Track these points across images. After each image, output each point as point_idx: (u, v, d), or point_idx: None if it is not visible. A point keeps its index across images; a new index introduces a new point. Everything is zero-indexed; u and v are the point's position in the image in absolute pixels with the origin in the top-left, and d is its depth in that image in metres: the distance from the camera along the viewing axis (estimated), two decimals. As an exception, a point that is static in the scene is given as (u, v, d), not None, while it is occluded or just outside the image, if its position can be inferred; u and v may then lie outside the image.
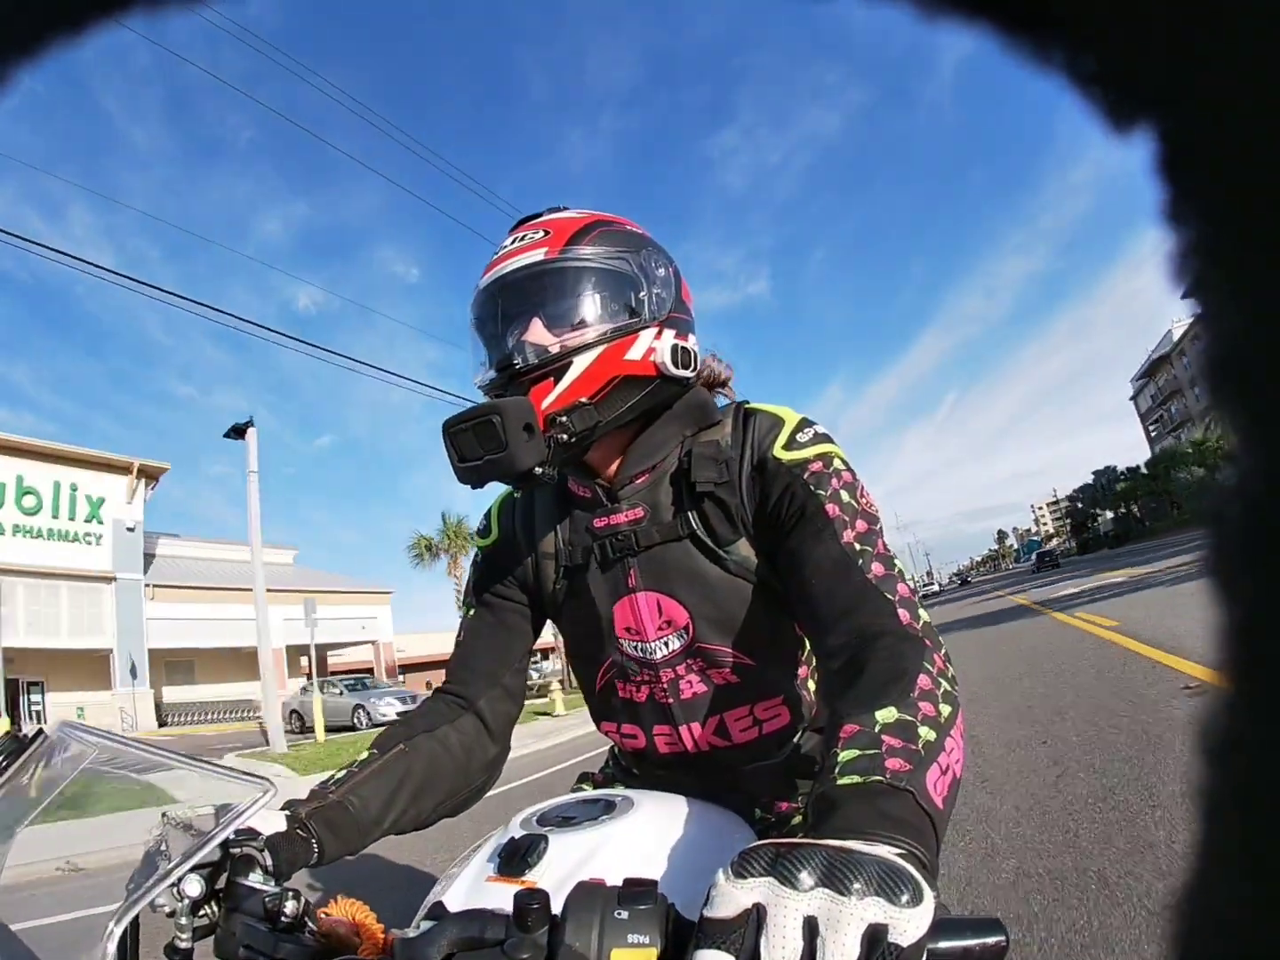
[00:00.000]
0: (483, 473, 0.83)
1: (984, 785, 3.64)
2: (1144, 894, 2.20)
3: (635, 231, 0.97)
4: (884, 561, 0.82)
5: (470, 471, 0.83)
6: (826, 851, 0.43)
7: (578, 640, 1.06)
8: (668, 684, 0.97)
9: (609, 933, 0.47)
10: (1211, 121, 0.15)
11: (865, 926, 0.40)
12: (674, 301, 0.94)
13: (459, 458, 0.83)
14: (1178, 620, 7.18)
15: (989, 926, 0.44)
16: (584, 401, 0.86)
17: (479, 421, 0.81)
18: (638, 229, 0.98)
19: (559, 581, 1.02)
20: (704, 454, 0.93)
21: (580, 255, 0.89)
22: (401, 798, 0.90)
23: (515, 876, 0.70)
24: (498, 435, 0.80)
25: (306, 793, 0.86)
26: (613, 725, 1.07)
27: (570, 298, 0.89)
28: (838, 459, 0.89)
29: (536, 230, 0.92)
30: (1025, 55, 0.16)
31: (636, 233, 0.97)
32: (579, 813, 0.81)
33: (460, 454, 0.83)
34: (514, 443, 0.80)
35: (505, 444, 0.80)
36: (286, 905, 0.59)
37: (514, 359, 0.88)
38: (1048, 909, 2.26)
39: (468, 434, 0.82)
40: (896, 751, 0.59)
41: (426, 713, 1.01)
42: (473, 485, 0.85)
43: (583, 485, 0.99)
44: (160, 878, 0.59)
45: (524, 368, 0.87)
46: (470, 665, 1.05)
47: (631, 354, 0.88)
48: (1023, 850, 2.75)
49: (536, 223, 0.95)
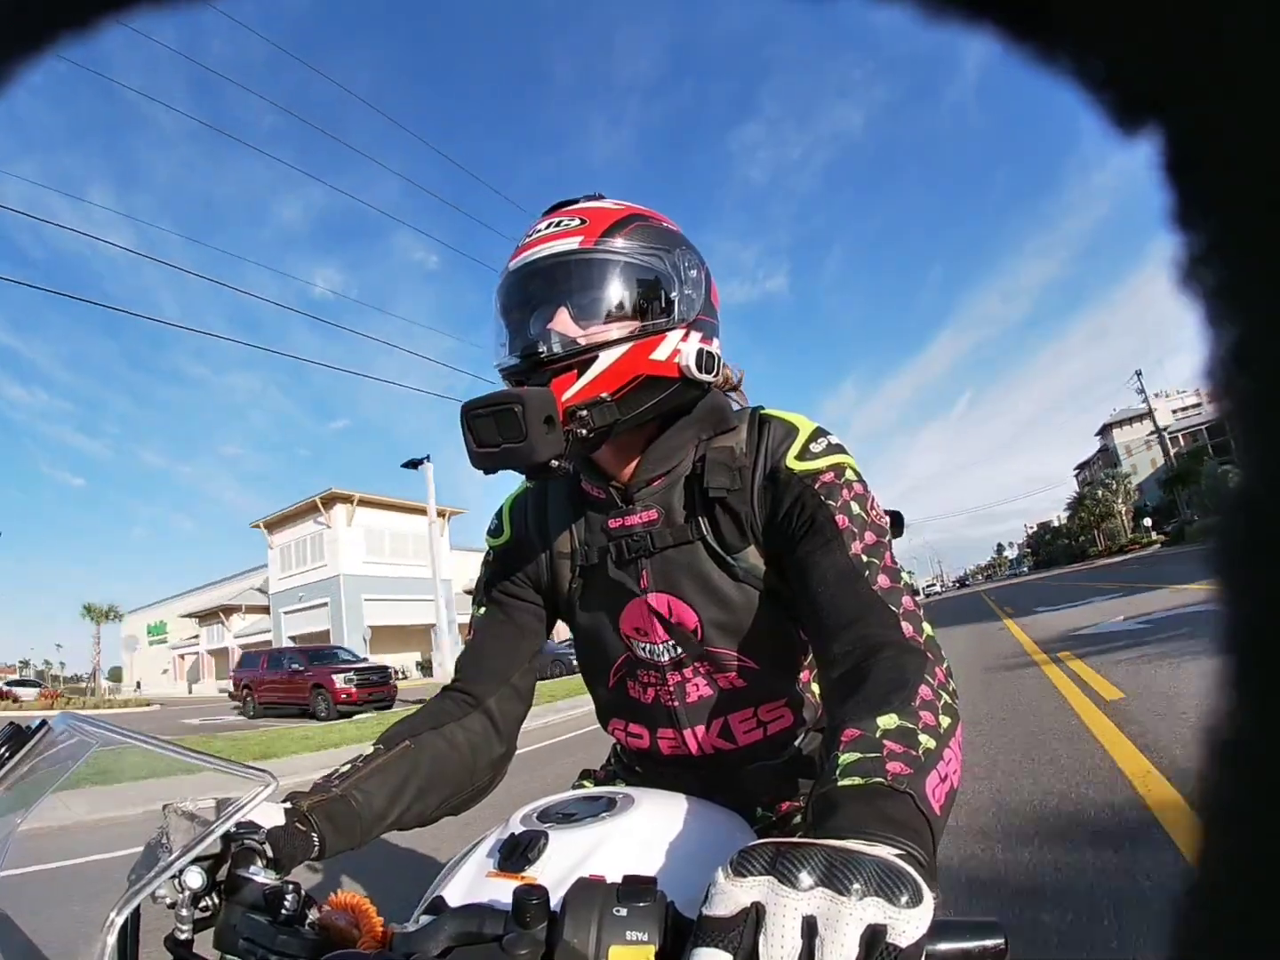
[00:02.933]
0: (499, 460, 0.82)
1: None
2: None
3: (671, 229, 0.95)
4: (890, 574, 0.82)
5: (486, 457, 0.82)
6: (826, 851, 0.43)
7: (589, 639, 1.06)
8: (674, 687, 0.97)
9: (608, 929, 0.47)
10: (1218, 124, 0.15)
11: (864, 927, 0.40)
12: (703, 303, 0.93)
13: (476, 442, 0.81)
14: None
15: (988, 929, 0.44)
16: (605, 398, 0.84)
17: (500, 409, 0.79)
18: (673, 226, 0.97)
19: (574, 581, 1.02)
20: (718, 460, 0.92)
21: (615, 248, 0.88)
22: (405, 794, 0.90)
23: (515, 872, 0.71)
24: (518, 424, 0.78)
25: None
26: (620, 724, 1.07)
27: (601, 290, 0.87)
28: (850, 470, 0.89)
29: (573, 218, 0.90)
30: (1030, 58, 0.16)
31: (672, 230, 0.95)
32: (579, 809, 0.81)
33: (478, 438, 0.81)
34: (534, 434, 0.78)
35: (525, 434, 0.78)
36: (286, 898, 0.60)
37: (539, 347, 0.86)
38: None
39: (487, 420, 0.80)
40: (897, 756, 0.59)
41: (434, 710, 1.01)
42: (486, 471, 0.84)
43: (596, 486, 0.98)
44: (161, 869, 0.60)
45: (548, 357, 0.85)
46: (480, 663, 1.05)
47: (657, 354, 0.87)
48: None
49: (573, 209, 0.93)
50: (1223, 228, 0.15)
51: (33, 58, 0.19)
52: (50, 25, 0.19)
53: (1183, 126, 0.15)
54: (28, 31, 0.19)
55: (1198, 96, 0.15)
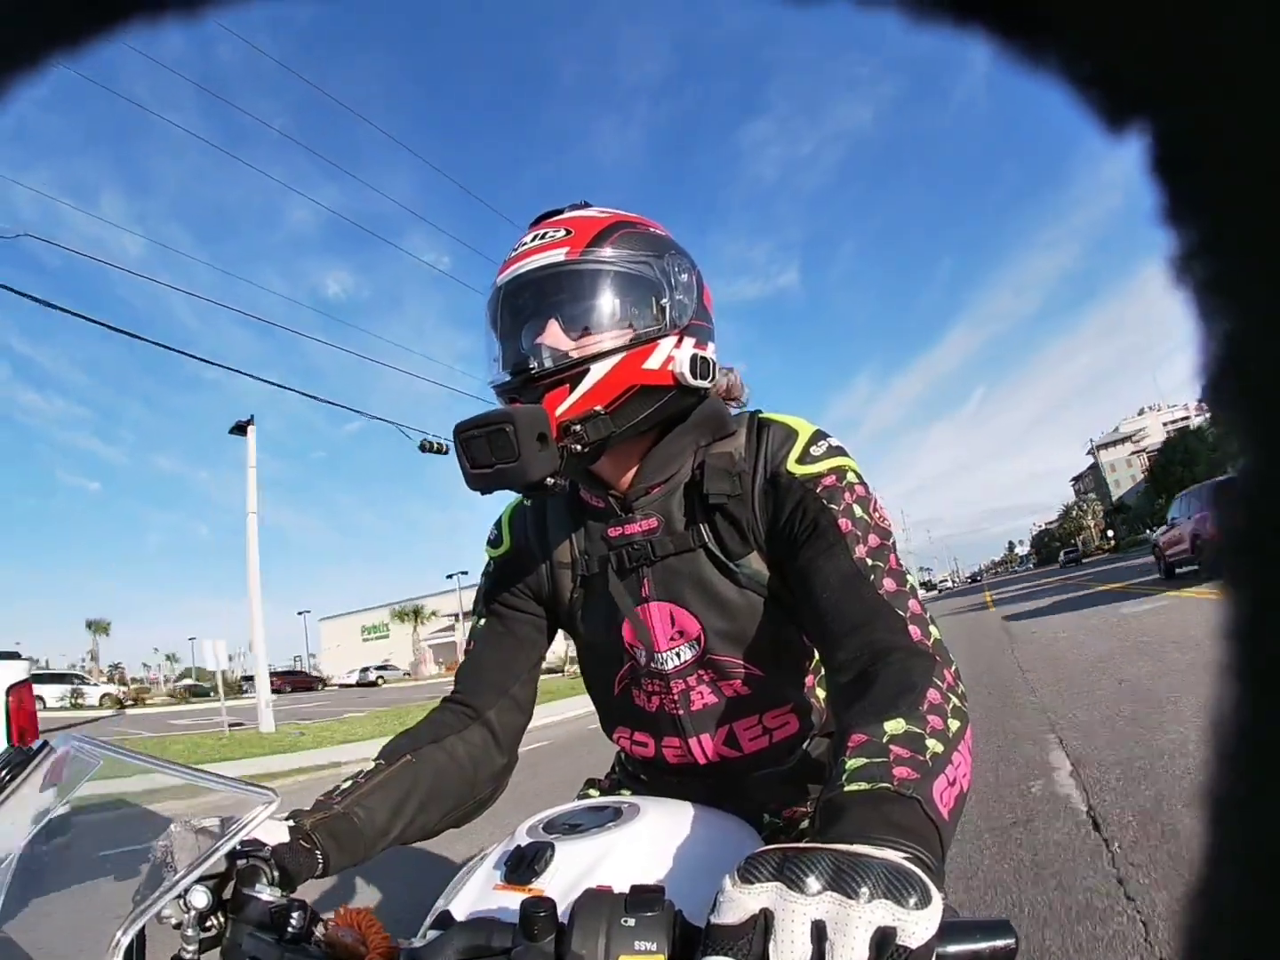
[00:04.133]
0: (493, 480, 0.81)
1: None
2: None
3: (659, 234, 0.94)
4: (896, 577, 0.81)
5: (481, 478, 0.81)
6: (833, 855, 0.43)
7: (592, 649, 1.05)
8: (678, 695, 0.97)
9: (616, 940, 0.47)
10: (1206, 122, 0.15)
11: (874, 930, 0.39)
12: (695, 308, 0.92)
13: (471, 463, 0.81)
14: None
15: (998, 929, 0.43)
16: (599, 411, 0.83)
17: (492, 430, 0.78)
18: (661, 231, 0.96)
19: (575, 591, 1.01)
20: (717, 466, 0.91)
21: (602, 257, 0.87)
22: (407, 809, 0.89)
23: (522, 884, 0.70)
24: (511, 444, 0.77)
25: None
26: (625, 732, 1.07)
27: (590, 301, 0.86)
28: (851, 473, 0.89)
29: (558, 228, 0.89)
30: (1018, 58, 0.16)
31: (660, 235, 0.94)
32: (585, 820, 0.81)
33: (472, 459, 0.80)
34: (527, 453, 0.78)
35: (518, 454, 0.77)
36: (292, 915, 0.59)
37: (530, 363, 0.86)
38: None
39: (480, 440, 0.79)
40: (904, 761, 0.59)
41: (434, 723, 1.00)
42: (482, 492, 0.83)
43: (595, 495, 0.98)
44: (166, 889, 0.59)
45: (539, 372, 0.84)
46: (479, 675, 1.04)
47: (650, 363, 0.86)
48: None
49: (558, 220, 0.92)
50: (1213, 224, 0.15)
51: (29, 73, 0.19)
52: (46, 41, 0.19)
53: (1171, 124, 0.15)
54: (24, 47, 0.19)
55: (1184, 95, 0.15)
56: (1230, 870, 0.16)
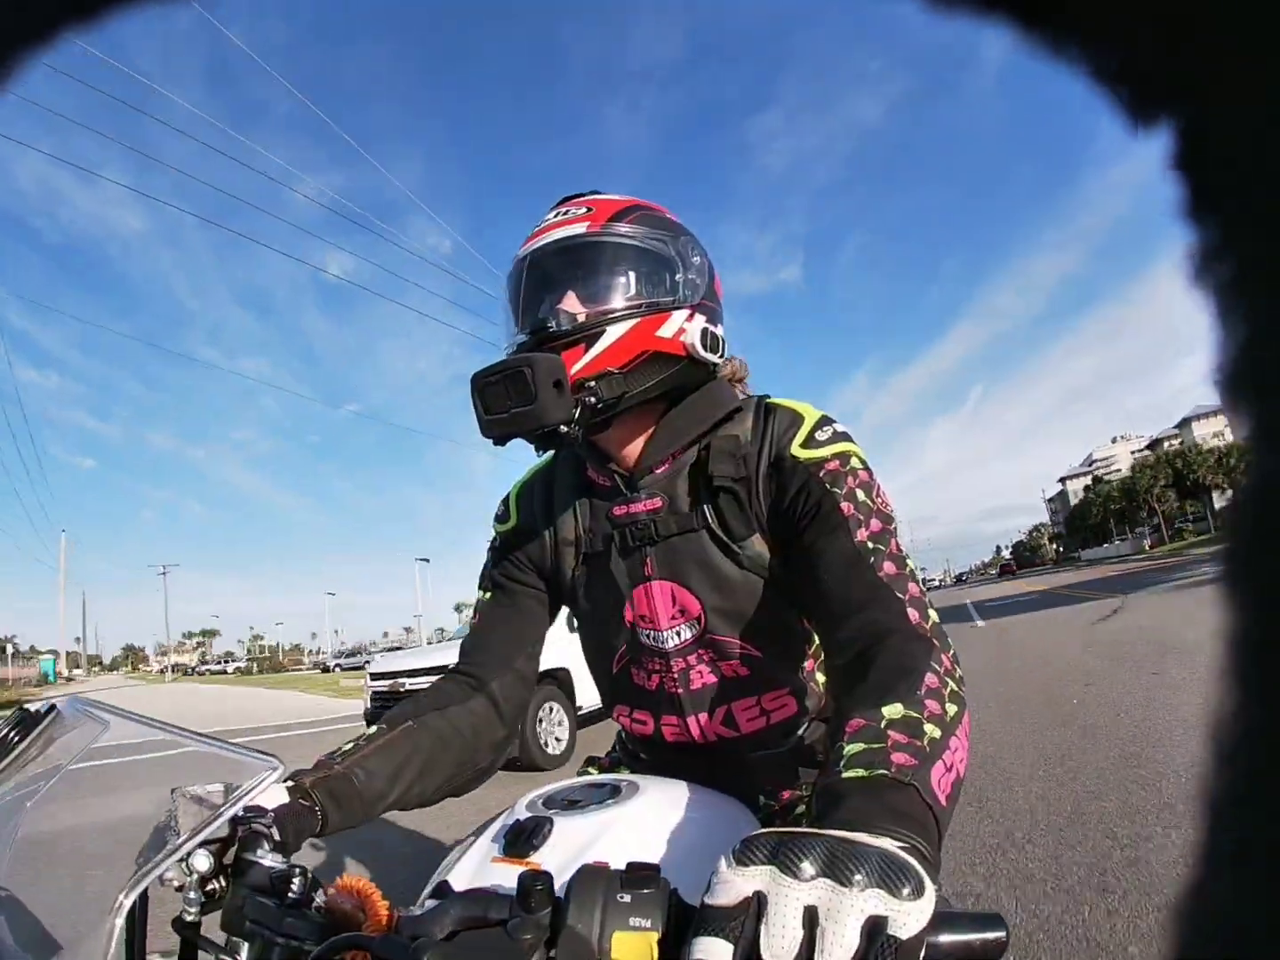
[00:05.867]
0: (509, 425, 0.82)
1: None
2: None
3: (673, 219, 0.98)
4: (896, 561, 0.82)
5: (496, 424, 0.82)
6: (829, 842, 0.44)
7: (594, 626, 1.06)
8: (678, 674, 0.98)
9: (611, 915, 0.47)
10: (1233, 119, 0.15)
11: (865, 918, 0.40)
12: (706, 290, 0.95)
13: (486, 410, 0.82)
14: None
15: (990, 921, 0.44)
16: (613, 370, 0.86)
17: (511, 372, 0.80)
18: (675, 218, 0.99)
19: (579, 568, 1.02)
20: (722, 448, 0.93)
21: (620, 232, 0.91)
22: (407, 774, 0.90)
23: (520, 858, 0.71)
24: (528, 387, 0.79)
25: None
26: (625, 710, 1.08)
27: (608, 272, 0.90)
28: (855, 458, 0.89)
29: (580, 206, 0.94)
30: (1042, 50, 0.16)
31: (674, 220, 0.98)
32: (584, 796, 0.82)
33: (487, 406, 0.82)
34: (544, 395, 0.79)
35: (535, 395, 0.79)
36: (293, 881, 0.60)
37: (548, 323, 0.88)
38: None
39: (497, 386, 0.81)
40: (902, 747, 0.59)
41: (438, 692, 1.01)
42: (496, 440, 0.84)
43: (602, 474, 0.99)
44: (169, 852, 0.60)
45: (556, 331, 0.87)
46: (485, 648, 1.06)
47: (663, 331, 0.89)
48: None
49: (580, 200, 0.96)
50: (1235, 222, 0.15)
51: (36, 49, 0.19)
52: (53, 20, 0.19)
53: (1196, 121, 0.15)
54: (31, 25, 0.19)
55: (1212, 92, 0.15)
56: (1225, 871, 0.16)
